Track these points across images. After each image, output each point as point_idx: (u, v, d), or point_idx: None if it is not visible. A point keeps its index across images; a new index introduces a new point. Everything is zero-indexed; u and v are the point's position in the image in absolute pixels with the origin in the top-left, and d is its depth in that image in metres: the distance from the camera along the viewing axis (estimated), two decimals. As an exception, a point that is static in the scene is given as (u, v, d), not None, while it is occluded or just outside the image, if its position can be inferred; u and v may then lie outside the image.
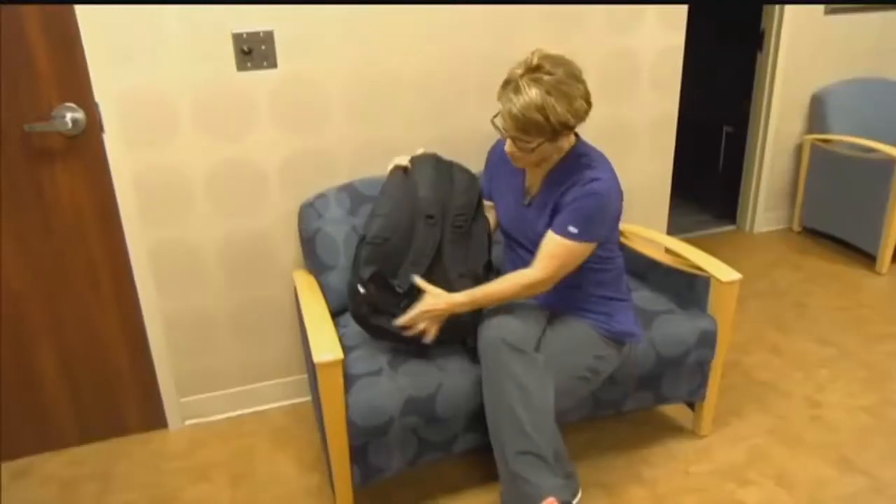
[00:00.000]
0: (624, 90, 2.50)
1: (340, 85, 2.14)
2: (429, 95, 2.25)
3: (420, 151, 1.96)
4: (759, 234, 3.88)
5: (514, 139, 1.65)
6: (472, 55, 2.25)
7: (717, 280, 2.00)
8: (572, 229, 1.68)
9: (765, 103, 3.66)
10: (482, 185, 2.03)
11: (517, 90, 1.58)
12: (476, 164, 2.32)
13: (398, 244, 1.79)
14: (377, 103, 2.20)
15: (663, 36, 2.46)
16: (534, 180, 1.83)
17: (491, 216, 2.02)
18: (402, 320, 1.71)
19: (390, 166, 1.90)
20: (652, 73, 2.50)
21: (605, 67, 2.44)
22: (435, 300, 1.72)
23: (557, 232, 1.70)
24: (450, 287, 1.80)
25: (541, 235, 1.75)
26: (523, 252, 1.87)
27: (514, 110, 1.57)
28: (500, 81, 2.26)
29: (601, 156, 1.75)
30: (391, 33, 2.14)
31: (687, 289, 2.12)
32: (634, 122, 2.55)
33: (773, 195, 3.86)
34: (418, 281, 1.73)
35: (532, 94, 1.55)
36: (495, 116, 1.68)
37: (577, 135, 1.77)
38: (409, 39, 2.17)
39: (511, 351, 1.67)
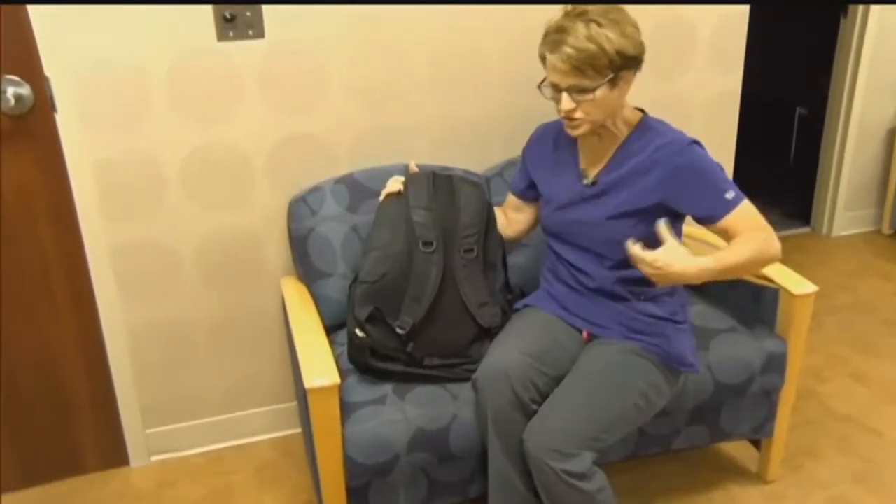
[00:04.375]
0: (678, 64, 2.50)
1: (340, 58, 2.16)
2: (443, 71, 2.27)
3: (413, 167, 2.01)
4: (838, 237, 3.87)
5: (570, 90, 1.71)
6: (495, 23, 2.27)
7: (788, 292, 2.01)
8: (729, 196, 1.73)
9: (848, 80, 3.63)
10: (514, 180, 2.08)
11: (563, 30, 1.69)
12: (500, 152, 2.35)
13: (396, 279, 1.86)
14: (383, 80, 2.22)
15: (725, -1, 2.47)
16: (594, 159, 1.87)
17: (522, 216, 2.06)
18: (641, 252, 1.58)
19: (382, 194, 1.97)
20: (711, 43, 2.50)
21: (655, 37, 2.43)
22: (671, 259, 1.58)
23: (724, 213, 1.73)
24: (472, 319, 1.89)
25: (608, 223, 1.80)
26: (575, 254, 1.88)
27: (567, 49, 1.67)
28: (529, 54, 2.29)
29: (670, 126, 1.84)
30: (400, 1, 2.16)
31: (751, 303, 2.13)
32: (689, 102, 2.55)
33: (856, 191, 3.84)
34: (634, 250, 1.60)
35: (580, 27, 1.67)
36: (542, 82, 1.76)
37: (643, 110, 1.86)
38: (422, 7, 2.18)
39: (497, 393, 1.73)
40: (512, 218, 2.09)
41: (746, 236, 1.73)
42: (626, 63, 1.70)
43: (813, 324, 2.08)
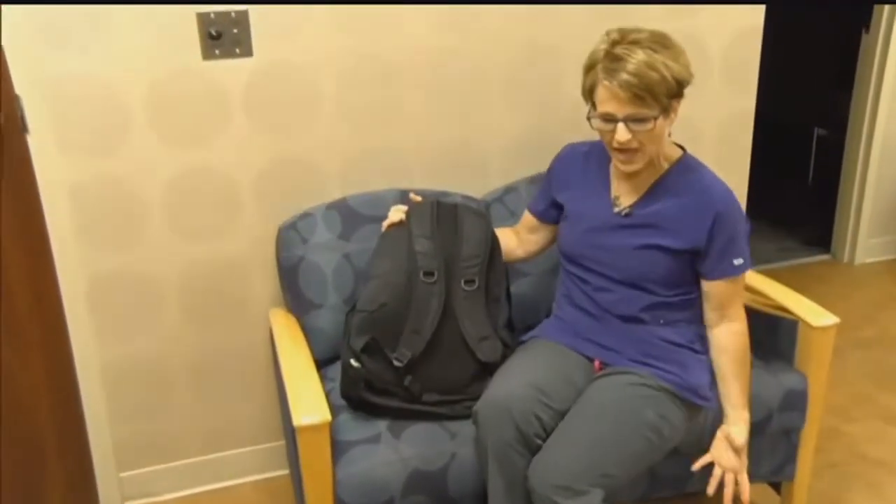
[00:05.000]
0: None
1: (331, 78, 2.20)
2: (442, 91, 2.30)
3: (414, 197, 2.05)
4: (861, 265, 3.89)
5: (627, 120, 1.75)
6: (498, 42, 2.30)
7: (808, 324, 2.02)
8: (737, 262, 1.85)
9: (870, 98, 3.67)
10: (534, 199, 2.12)
11: (617, 59, 1.72)
12: (500, 177, 2.38)
13: (396, 309, 1.88)
14: (377, 101, 2.25)
15: (737, 14, 2.51)
16: (628, 190, 1.91)
17: (536, 238, 2.10)
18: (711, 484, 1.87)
19: (384, 224, 2.01)
20: (722, 61, 2.54)
21: None
22: (728, 455, 1.87)
23: (724, 275, 1.85)
24: (472, 354, 1.91)
25: (635, 252, 1.86)
26: (593, 277, 1.92)
27: (626, 77, 1.70)
28: (532, 72, 2.34)
29: (711, 172, 1.92)
30: (395, 13, 2.19)
31: (768, 335, 2.14)
32: (700, 124, 2.59)
33: (880, 216, 3.87)
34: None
35: (639, 54, 1.71)
36: (589, 114, 1.80)
37: (683, 147, 1.93)
38: (418, 21, 2.22)
39: (497, 427, 1.75)
40: (525, 238, 2.13)
41: (734, 339, 1.89)
42: (680, 90, 1.77)
43: (836, 359, 2.09)
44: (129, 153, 2.10)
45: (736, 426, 1.86)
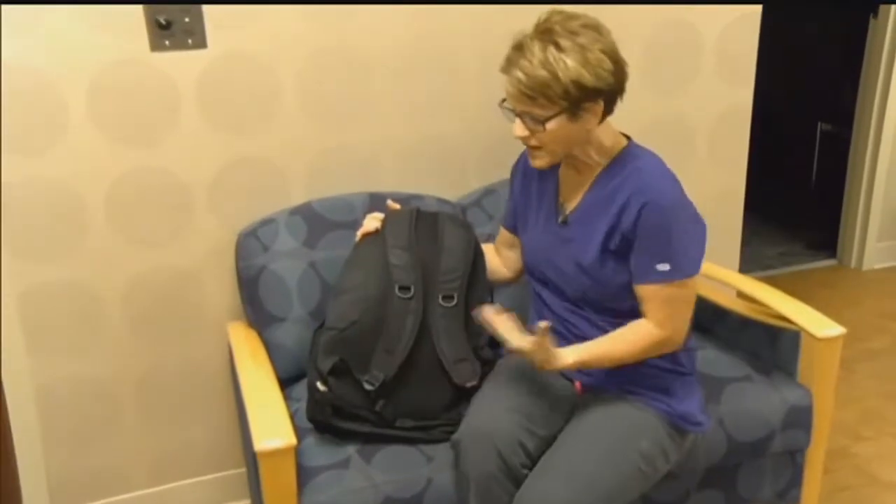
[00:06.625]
0: (679, 75, 2.57)
1: (293, 71, 2.22)
2: (412, 83, 2.33)
3: (391, 205, 2.07)
4: (871, 271, 3.94)
5: (522, 115, 1.78)
6: (472, 32, 2.34)
7: (811, 335, 2.06)
8: (662, 267, 1.77)
9: (879, 90, 3.71)
10: (506, 213, 2.13)
11: (520, 49, 1.75)
12: (477, 177, 2.41)
13: (367, 327, 1.91)
14: (344, 95, 2.28)
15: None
16: (571, 193, 1.92)
17: (515, 255, 2.10)
18: (514, 341, 1.73)
19: (359, 234, 2.03)
20: (718, 50, 2.58)
21: (653, 44, 2.51)
22: (542, 353, 1.74)
23: (647, 280, 1.79)
24: (446, 376, 1.92)
25: (582, 268, 1.85)
26: (553, 296, 1.94)
27: (517, 73, 1.74)
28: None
29: (658, 161, 1.87)
30: (362, 2, 2.21)
31: (769, 347, 2.19)
32: (693, 119, 2.63)
33: (890, 217, 3.92)
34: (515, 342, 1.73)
35: (536, 49, 1.72)
36: (503, 101, 1.82)
37: (628, 137, 1.92)
38: (388, 8, 2.24)
39: (478, 455, 1.77)
40: (505, 256, 2.14)
41: (642, 331, 1.80)
42: (587, 95, 1.73)
43: (843, 372, 2.10)
44: (66, 152, 2.10)
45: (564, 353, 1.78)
